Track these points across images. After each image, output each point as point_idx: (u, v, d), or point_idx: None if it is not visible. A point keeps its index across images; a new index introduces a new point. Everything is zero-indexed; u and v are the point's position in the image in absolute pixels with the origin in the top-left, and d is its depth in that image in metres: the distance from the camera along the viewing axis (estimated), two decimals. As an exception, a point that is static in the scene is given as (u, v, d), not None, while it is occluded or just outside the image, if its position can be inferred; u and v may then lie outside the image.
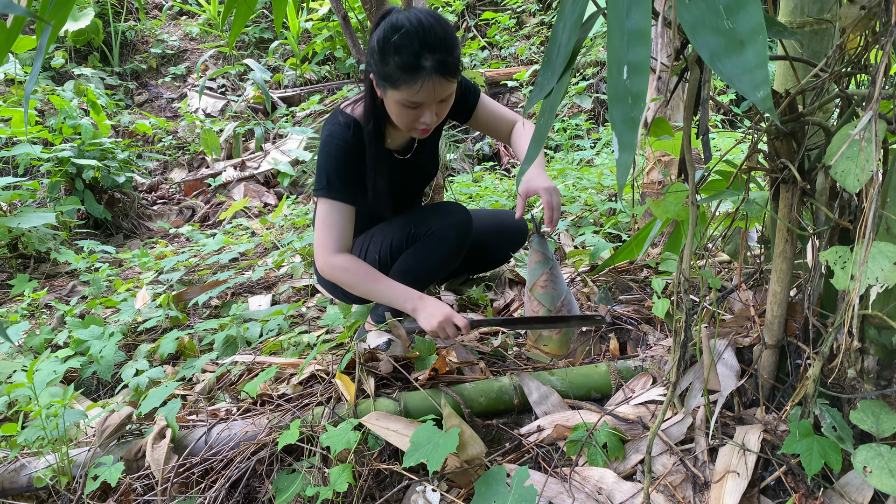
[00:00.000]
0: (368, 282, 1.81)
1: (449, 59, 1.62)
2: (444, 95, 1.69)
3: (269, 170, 5.86)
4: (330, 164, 1.82)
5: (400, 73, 1.61)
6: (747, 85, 0.76)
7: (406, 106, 1.68)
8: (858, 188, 0.98)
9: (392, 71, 1.62)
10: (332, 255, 1.81)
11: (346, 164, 1.82)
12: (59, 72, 7.17)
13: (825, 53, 1.52)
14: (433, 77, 1.62)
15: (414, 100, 1.66)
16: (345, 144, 1.81)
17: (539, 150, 1.06)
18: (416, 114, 1.70)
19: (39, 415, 1.57)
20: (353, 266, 1.81)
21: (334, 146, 1.82)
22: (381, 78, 1.66)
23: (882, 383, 1.19)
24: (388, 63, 1.61)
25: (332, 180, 1.81)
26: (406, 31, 1.58)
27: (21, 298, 3.40)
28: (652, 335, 1.89)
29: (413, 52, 1.59)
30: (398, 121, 1.75)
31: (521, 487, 1.23)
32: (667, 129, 1.41)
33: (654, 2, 0.86)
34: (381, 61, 1.63)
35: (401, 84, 1.63)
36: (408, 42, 1.58)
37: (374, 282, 1.81)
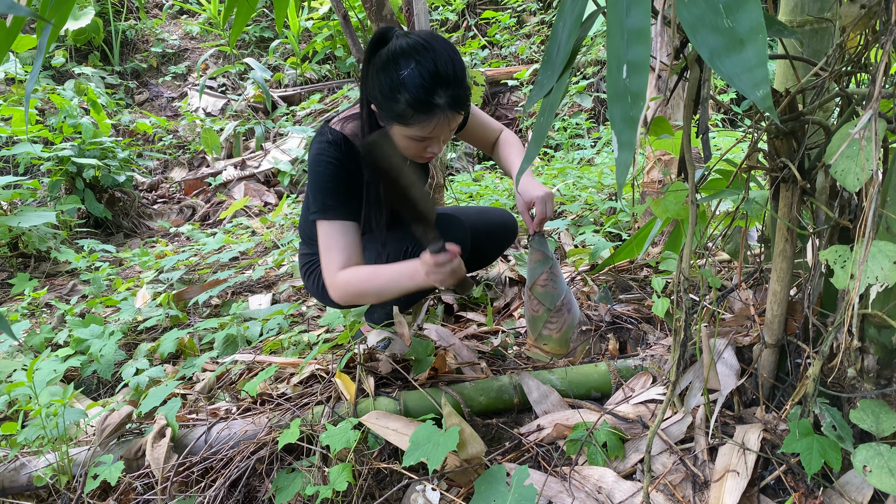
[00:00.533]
0: (372, 281, 1.70)
1: (461, 93, 1.53)
2: (452, 128, 1.62)
3: (269, 169, 5.86)
4: (322, 184, 1.71)
5: (412, 113, 1.50)
6: (747, 84, 0.76)
7: (415, 140, 1.59)
8: (858, 187, 0.98)
9: (403, 110, 1.50)
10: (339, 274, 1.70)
11: (338, 181, 1.72)
12: (60, 71, 7.18)
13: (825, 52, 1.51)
14: (447, 113, 1.52)
15: (424, 136, 1.57)
16: (335, 162, 1.72)
17: (538, 148, 1.06)
18: (425, 145, 1.62)
19: (39, 414, 1.57)
20: (353, 277, 1.70)
21: (324, 165, 1.72)
22: (389, 114, 1.55)
23: (882, 382, 1.19)
24: (399, 101, 1.50)
25: (327, 200, 1.70)
26: (416, 65, 1.47)
27: (21, 297, 3.40)
28: (652, 334, 1.89)
29: (426, 89, 1.47)
30: (405, 152, 1.65)
31: (521, 486, 1.23)
32: (667, 128, 1.41)
33: (653, 0, 0.86)
34: (389, 98, 1.51)
35: (413, 122, 1.52)
36: (420, 80, 1.47)
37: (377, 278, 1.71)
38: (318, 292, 2.12)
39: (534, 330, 1.92)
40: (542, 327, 1.89)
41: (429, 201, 1.48)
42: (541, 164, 5.08)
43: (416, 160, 1.74)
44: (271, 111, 7.06)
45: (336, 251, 1.70)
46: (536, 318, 1.89)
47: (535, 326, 1.91)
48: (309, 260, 2.10)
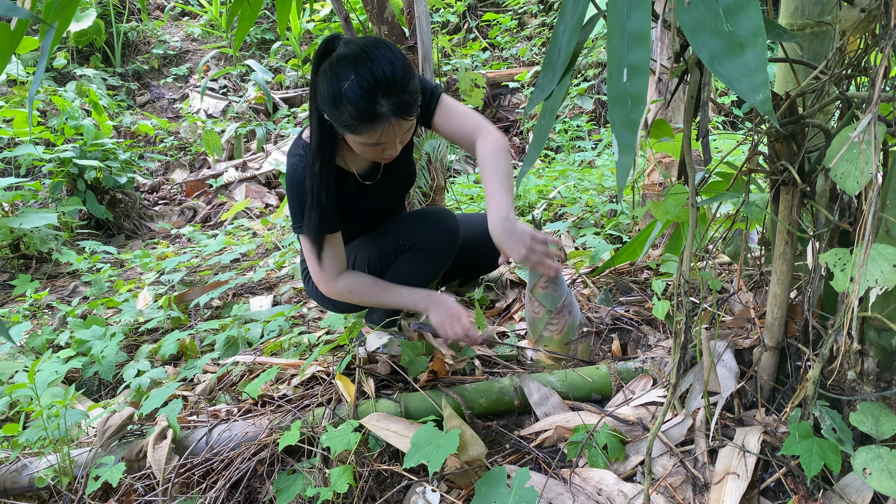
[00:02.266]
0: (375, 295, 1.83)
1: (405, 98, 1.52)
2: (405, 130, 1.62)
3: (270, 170, 5.87)
4: (300, 199, 1.73)
5: (357, 123, 1.51)
6: (747, 87, 0.76)
7: (368, 145, 1.61)
8: (858, 190, 0.98)
9: (348, 120, 1.52)
10: (334, 281, 1.81)
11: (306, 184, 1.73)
12: (62, 72, 7.18)
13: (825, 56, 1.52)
14: (391, 120, 1.52)
15: (374, 142, 1.59)
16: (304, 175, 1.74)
17: (539, 151, 1.06)
18: (380, 149, 1.63)
19: (41, 415, 1.57)
20: (358, 285, 1.83)
21: (297, 177, 1.74)
22: (338, 124, 1.57)
23: (882, 385, 1.19)
24: (343, 112, 1.51)
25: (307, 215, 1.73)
26: (357, 78, 1.47)
27: (23, 299, 3.40)
28: (652, 336, 1.89)
29: (367, 100, 1.48)
30: (363, 155, 1.68)
31: (522, 488, 1.23)
32: (667, 131, 1.41)
33: (654, 4, 0.86)
34: (334, 108, 1.52)
35: (360, 131, 1.54)
36: (359, 90, 1.47)
37: (382, 293, 1.83)
38: (319, 295, 2.13)
39: (534, 332, 1.92)
40: (543, 329, 1.89)
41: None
42: (541, 167, 5.08)
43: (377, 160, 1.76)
44: (272, 113, 7.07)
45: (316, 259, 1.78)
46: (537, 319, 1.90)
47: (536, 328, 1.91)
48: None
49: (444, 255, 1.96)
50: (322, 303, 2.16)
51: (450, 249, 1.97)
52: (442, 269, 2.02)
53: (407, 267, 1.96)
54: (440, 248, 1.94)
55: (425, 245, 1.93)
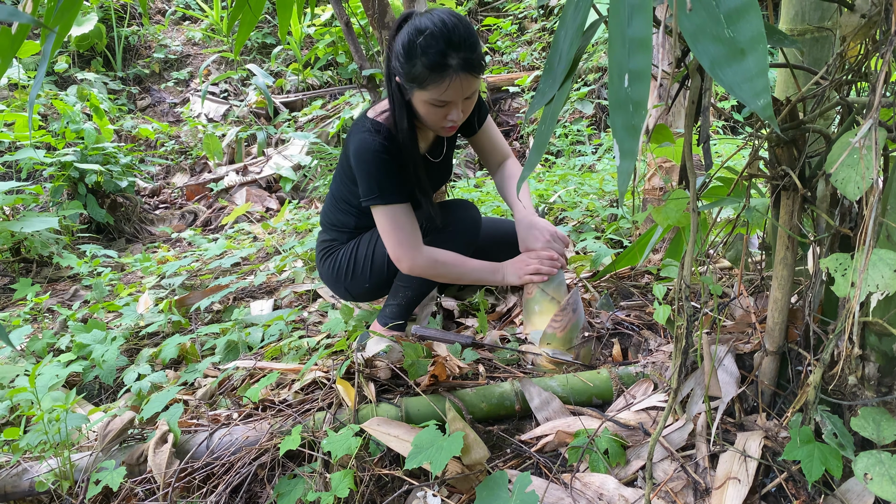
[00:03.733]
0: (460, 265, 1.93)
1: (473, 57, 1.68)
2: (469, 92, 1.75)
3: (271, 174, 5.87)
4: (373, 170, 1.84)
5: (427, 73, 1.66)
6: (748, 93, 0.76)
7: (434, 105, 1.73)
8: (859, 195, 0.98)
9: (420, 72, 1.66)
10: (419, 253, 1.89)
11: (389, 167, 1.85)
12: (63, 76, 7.20)
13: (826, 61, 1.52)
14: (459, 74, 1.67)
15: (442, 98, 1.71)
16: (381, 149, 1.84)
17: (540, 156, 1.06)
18: (444, 112, 1.76)
19: (41, 419, 1.57)
20: (442, 256, 1.92)
21: (372, 153, 1.84)
22: (409, 80, 1.70)
23: (883, 390, 1.19)
24: (416, 64, 1.66)
25: (384, 185, 1.84)
26: (431, 33, 1.63)
27: (23, 302, 3.40)
28: (653, 341, 1.89)
29: (439, 51, 1.63)
30: (427, 119, 1.80)
31: (523, 493, 1.23)
32: (668, 136, 1.41)
33: (655, 10, 0.86)
34: (408, 63, 1.67)
35: (429, 84, 1.68)
36: (433, 42, 1.63)
37: (464, 265, 1.93)
38: (332, 278, 2.16)
39: (528, 315, 1.93)
40: (536, 314, 1.90)
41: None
42: (542, 171, 5.09)
43: (440, 132, 1.87)
44: (273, 117, 7.08)
45: (406, 230, 1.88)
46: (530, 300, 1.91)
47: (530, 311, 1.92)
48: (327, 246, 2.20)
49: (464, 239, 2.00)
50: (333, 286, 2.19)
51: (470, 236, 2.02)
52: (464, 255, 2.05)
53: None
54: (461, 231, 2.00)
55: (448, 229, 1.99)
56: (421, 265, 1.89)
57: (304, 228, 4.17)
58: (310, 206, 5.36)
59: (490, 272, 1.94)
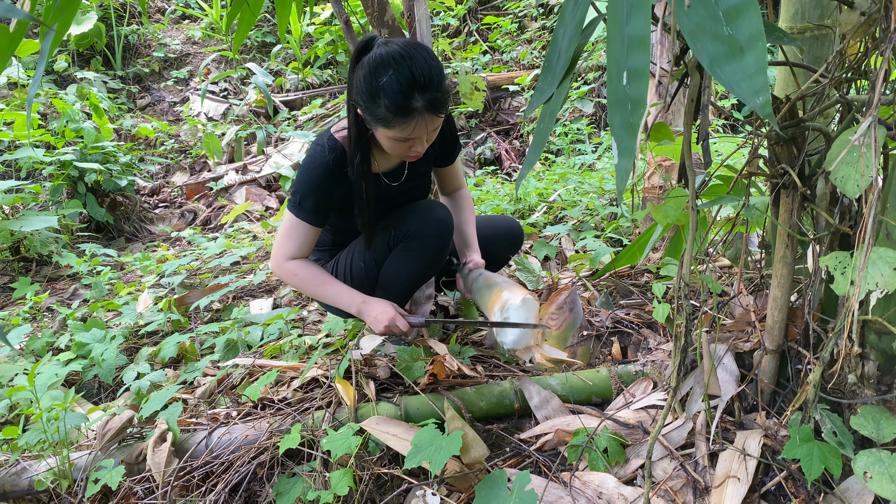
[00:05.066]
0: (315, 286, 1.87)
1: (438, 96, 1.62)
2: (434, 127, 1.70)
3: (270, 173, 5.87)
4: (307, 185, 1.82)
5: (392, 116, 1.60)
6: (747, 91, 0.76)
7: (398, 140, 1.68)
8: (858, 193, 0.98)
9: (383, 114, 1.60)
10: (286, 261, 1.87)
11: (321, 188, 1.82)
12: (62, 75, 7.19)
13: (825, 59, 1.52)
14: (425, 115, 1.61)
15: (406, 136, 1.66)
16: (325, 169, 1.81)
17: (539, 154, 1.06)
18: (409, 145, 1.71)
19: (40, 418, 1.57)
20: (302, 272, 1.87)
21: (315, 168, 1.82)
22: (372, 118, 1.65)
23: (882, 388, 1.19)
24: (379, 105, 1.60)
25: (304, 201, 1.82)
26: (393, 74, 1.56)
27: (23, 302, 3.40)
28: (652, 340, 1.89)
29: (403, 94, 1.57)
30: (390, 151, 1.76)
31: (522, 492, 1.23)
32: (667, 134, 1.41)
33: (653, 7, 0.86)
34: (370, 102, 1.61)
35: (394, 125, 1.62)
36: (396, 85, 1.56)
37: (321, 286, 1.87)
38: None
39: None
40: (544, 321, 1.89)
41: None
42: (542, 170, 5.08)
43: (404, 159, 1.83)
44: (273, 116, 7.08)
45: (292, 241, 1.86)
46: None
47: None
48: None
49: (437, 243, 1.95)
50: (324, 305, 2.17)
51: (442, 237, 1.96)
52: (436, 261, 2.00)
53: (399, 258, 1.95)
54: (432, 235, 1.94)
55: (417, 234, 1.93)
56: (282, 271, 1.88)
57: (304, 227, 4.16)
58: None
59: (346, 304, 1.86)
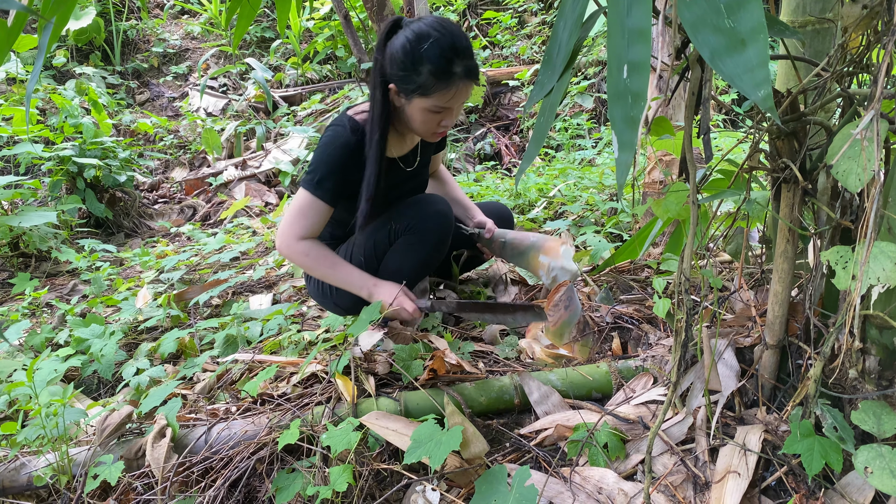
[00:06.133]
0: (326, 267, 1.88)
1: (473, 64, 1.70)
2: (467, 98, 1.77)
3: (270, 169, 5.86)
4: (327, 163, 1.84)
5: (434, 81, 1.66)
6: (748, 84, 0.76)
7: (433, 111, 1.74)
8: (860, 188, 0.98)
9: (425, 80, 1.67)
10: (297, 241, 1.87)
11: (342, 167, 1.84)
12: (61, 70, 7.17)
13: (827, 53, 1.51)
14: (464, 81, 1.69)
15: (444, 105, 1.72)
16: (347, 149, 1.83)
17: (538, 148, 1.06)
18: (440, 118, 1.77)
19: (39, 413, 1.57)
20: (314, 251, 1.88)
21: (337, 147, 1.83)
22: (412, 87, 1.70)
23: (883, 383, 1.19)
24: (420, 72, 1.66)
25: (324, 179, 1.83)
26: (436, 41, 1.64)
27: (22, 297, 3.40)
28: (653, 335, 1.89)
29: (446, 59, 1.64)
30: (421, 126, 1.80)
31: (522, 487, 1.23)
32: (668, 129, 1.40)
33: (654, 0, 0.85)
34: (411, 71, 1.67)
35: (434, 91, 1.68)
36: (438, 50, 1.64)
37: (332, 267, 1.89)
38: (320, 295, 2.14)
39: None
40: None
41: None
42: (542, 165, 5.08)
43: (429, 138, 1.88)
44: (272, 111, 7.06)
45: (305, 220, 1.86)
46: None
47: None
48: None
49: (437, 236, 1.96)
50: (321, 301, 2.17)
51: (442, 231, 1.98)
52: (437, 254, 2.02)
53: (399, 251, 1.97)
54: (433, 228, 1.95)
55: (418, 228, 1.95)
56: (291, 251, 1.88)
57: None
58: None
59: (358, 286, 1.90)
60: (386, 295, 1.84)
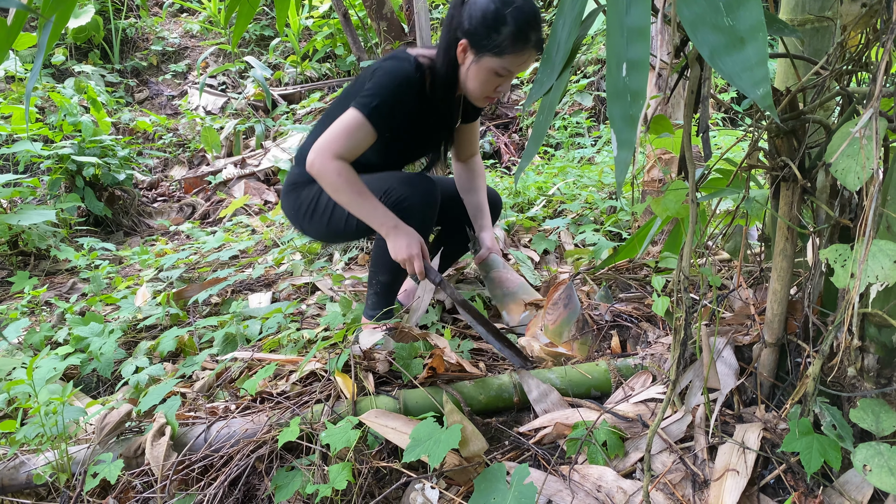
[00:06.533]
0: (355, 193, 1.86)
1: (542, 38, 1.75)
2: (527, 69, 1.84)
3: (269, 167, 5.85)
4: (387, 90, 1.85)
5: (510, 44, 1.72)
6: (747, 82, 0.76)
7: (496, 74, 1.79)
8: (859, 186, 0.98)
9: (502, 40, 1.72)
10: (333, 158, 1.84)
11: (401, 100, 1.86)
12: (60, 69, 7.17)
13: (826, 51, 1.51)
14: (533, 51, 1.75)
15: (510, 69, 1.78)
16: (408, 83, 1.86)
17: (538, 146, 1.06)
18: (498, 82, 1.83)
19: (39, 411, 1.57)
20: (346, 173, 1.85)
21: (401, 79, 1.86)
22: (487, 46, 1.75)
23: (882, 382, 1.19)
24: (500, 33, 1.72)
25: (382, 105, 1.83)
26: (519, 7, 1.70)
27: (21, 296, 3.40)
28: (652, 333, 1.89)
29: (526, 25, 1.71)
30: (480, 86, 1.84)
31: (521, 485, 1.23)
32: (667, 127, 1.40)
33: (654, -1, 0.86)
34: (491, 29, 1.72)
35: (507, 53, 1.74)
36: (521, 17, 1.70)
37: (360, 195, 1.87)
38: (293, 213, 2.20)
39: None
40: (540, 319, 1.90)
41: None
42: (541, 163, 5.08)
43: (478, 101, 1.93)
44: (271, 109, 7.05)
45: (348, 141, 1.84)
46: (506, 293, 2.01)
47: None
48: (296, 180, 2.21)
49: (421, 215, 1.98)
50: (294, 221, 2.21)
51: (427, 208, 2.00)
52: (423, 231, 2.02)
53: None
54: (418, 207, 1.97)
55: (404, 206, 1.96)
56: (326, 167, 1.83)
57: (303, 221, 4.15)
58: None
59: (380, 221, 1.88)
60: (404, 239, 1.85)
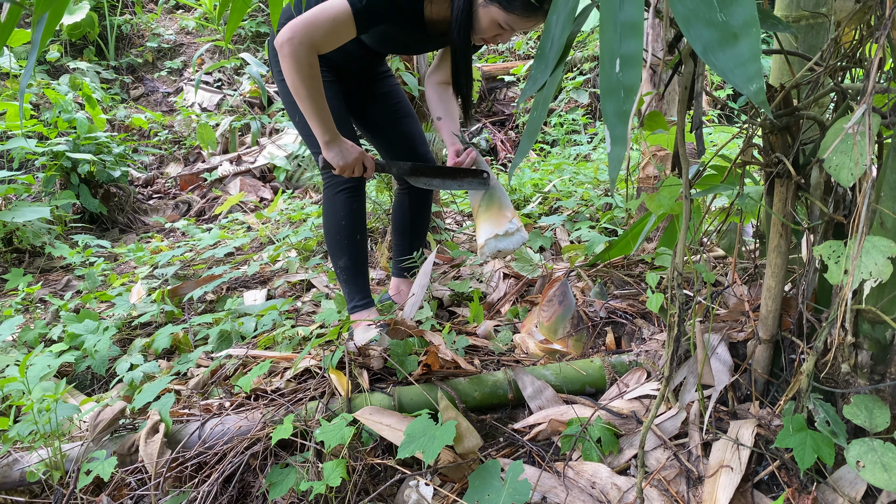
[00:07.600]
0: (313, 89, 1.79)
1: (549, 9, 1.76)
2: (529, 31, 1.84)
3: (265, 164, 5.85)
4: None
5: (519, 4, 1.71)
6: (740, 78, 0.75)
7: (499, 25, 1.79)
8: (852, 182, 0.98)
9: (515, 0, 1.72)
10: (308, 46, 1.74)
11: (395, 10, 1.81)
12: (55, 65, 7.14)
13: (820, 47, 1.51)
14: (540, 18, 1.75)
15: (513, 26, 1.78)
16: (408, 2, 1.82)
17: (532, 142, 1.05)
18: (498, 31, 1.83)
19: (32, 409, 1.56)
20: (313, 70, 1.77)
21: None
22: None
23: (875, 378, 1.19)
24: None
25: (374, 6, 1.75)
26: None
27: (15, 293, 3.39)
28: (646, 330, 1.89)
29: None
30: (483, 30, 1.84)
31: (516, 482, 1.23)
32: (661, 123, 1.40)
33: (647, -6, 0.85)
34: None
35: (514, 11, 1.73)
36: None
37: (317, 94, 1.80)
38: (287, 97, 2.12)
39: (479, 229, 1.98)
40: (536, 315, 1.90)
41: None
42: (537, 160, 5.07)
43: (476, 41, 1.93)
44: (267, 106, 7.04)
45: (327, 31, 1.74)
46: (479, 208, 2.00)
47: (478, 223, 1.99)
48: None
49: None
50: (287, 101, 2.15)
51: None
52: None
53: None
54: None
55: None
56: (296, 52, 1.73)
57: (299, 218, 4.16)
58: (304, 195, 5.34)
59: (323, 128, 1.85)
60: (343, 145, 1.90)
